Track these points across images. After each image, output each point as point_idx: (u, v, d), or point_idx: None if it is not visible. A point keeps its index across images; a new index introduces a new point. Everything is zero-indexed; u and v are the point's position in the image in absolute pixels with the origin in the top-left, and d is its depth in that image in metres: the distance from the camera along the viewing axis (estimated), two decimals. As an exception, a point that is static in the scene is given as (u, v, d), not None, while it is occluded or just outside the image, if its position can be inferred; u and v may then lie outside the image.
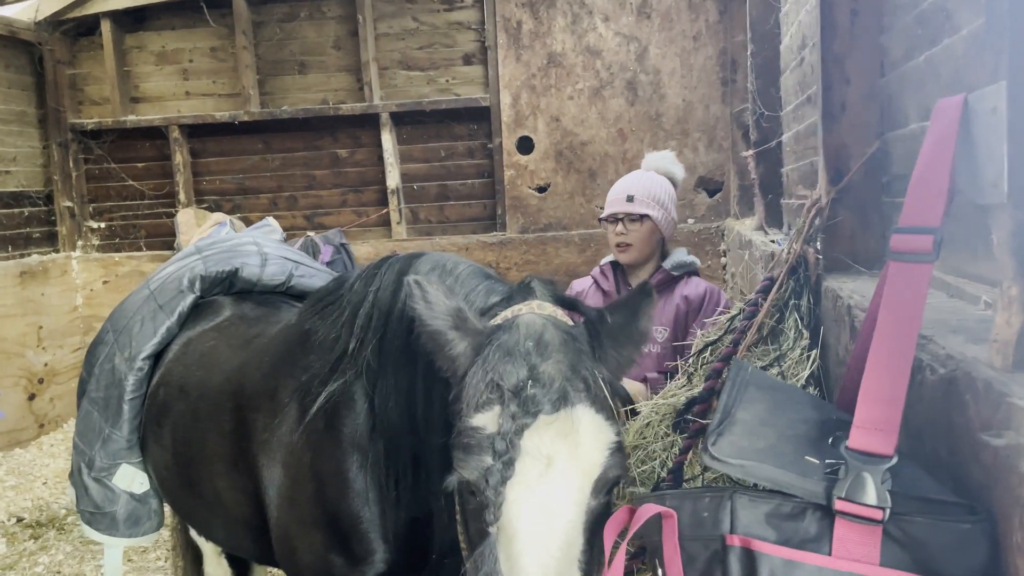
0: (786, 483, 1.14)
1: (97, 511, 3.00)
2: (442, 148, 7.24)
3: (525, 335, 1.52)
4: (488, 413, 1.43)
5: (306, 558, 2.21)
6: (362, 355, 2.10)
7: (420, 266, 2.08)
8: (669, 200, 3.21)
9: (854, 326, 1.84)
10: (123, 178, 7.65)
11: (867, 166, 2.26)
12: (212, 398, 2.61)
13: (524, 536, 1.36)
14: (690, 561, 1.23)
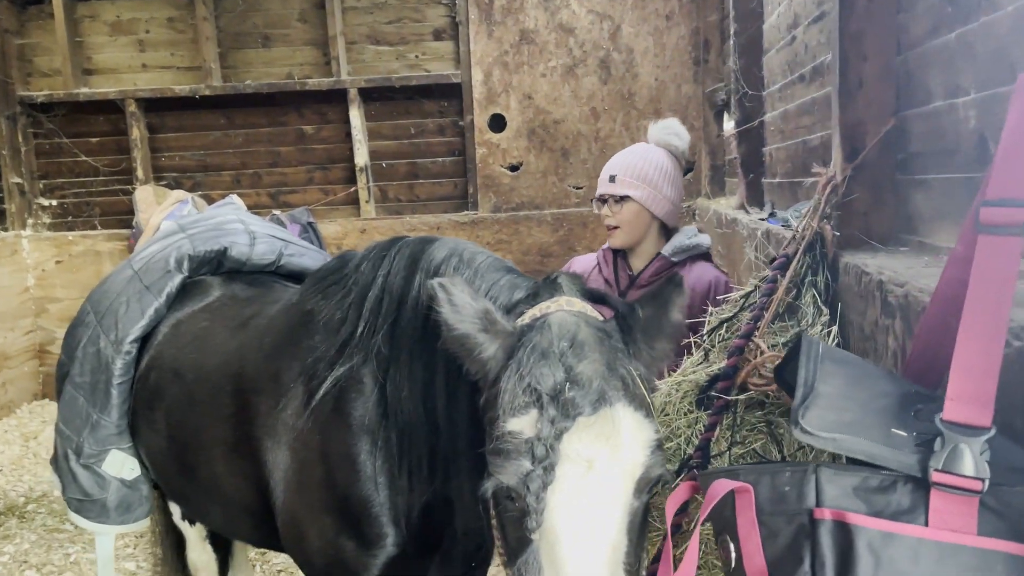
0: (879, 455, 1.14)
1: (86, 499, 2.90)
2: (412, 125, 7.14)
3: (558, 335, 1.47)
4: (525, 417, 1.39)
5: (315, 542, 2.17)
6: (372, 340, 2.05)
7: (435, 252, 2.02)
8: (662, 176, 2.96)
9: (886, 301, 1.86)
10: (76, 153, 7.36)
11: (882, 144, 2.28)
12: (209, 381, 2.53)
13: (568, 542, 1.34)
14: (770, 536, 1.22)
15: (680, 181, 3.05)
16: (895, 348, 1.78)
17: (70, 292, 7.27)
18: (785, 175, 3.99)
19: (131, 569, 4.33)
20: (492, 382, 1.52)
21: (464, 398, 1.75)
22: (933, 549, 1.08)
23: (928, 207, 2.12)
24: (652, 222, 2.98)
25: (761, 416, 2.11)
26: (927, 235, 2.13)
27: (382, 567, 2.10)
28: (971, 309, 1.12)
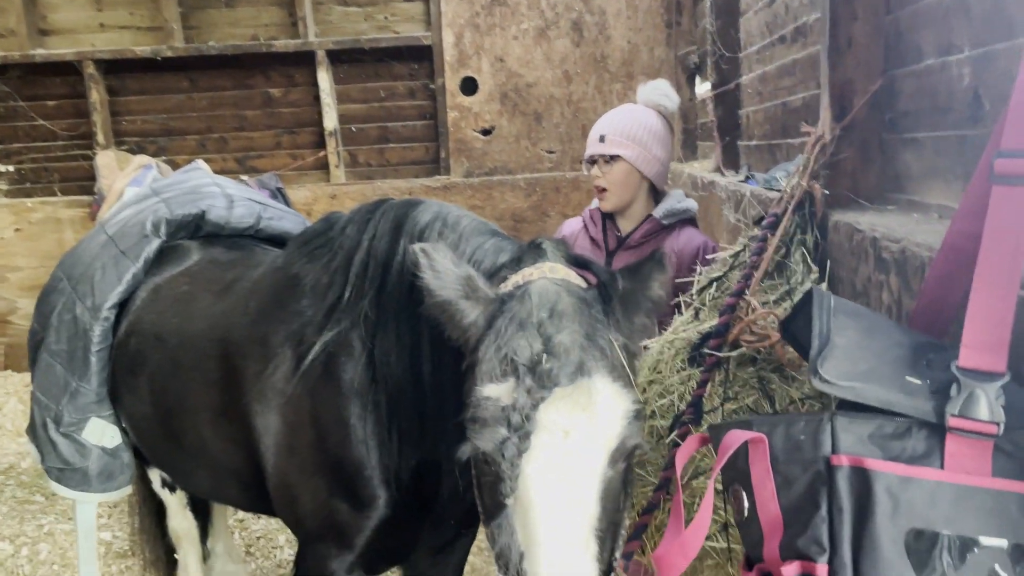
0: (896, 402, 1.16)
1: (67, 467, 2.86)
2: (382, 88, 7.02)
3: (538, 304, 1.47)
4: (502, 385, 1.40)
5: (308, 505, 2.17)
6: (359, 305, 2.04)
7: (419, 216, 2.01)
8: (650, 136, 2.90)
9: (880, 257, 1.89)
10: (33, 117, 7.12)
11: (871, 103, 2.30)
12: (194, 346, 2.49)
13: (541, 509, 1.36)
14: (785, 484, 1.25)
15: (670, 143, 3.02)
16: (889, 303, 1.82)
17: (30, 261, 7.08)
18: (763, 137, 4.02)
19: (107, 539, 4.30)
20: (472, 349, 1.52)
21: (450, 363, 1.75)
22: (949, 491, 1.11)
23: (918, 165, 2.15)
24: (642, 183, 2.93)
25: (753, 372, 2.14)
26: (916, 193, 2.17)
27: (375, 528, 2.11)
28: (986, 258, 1.14)
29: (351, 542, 2.14)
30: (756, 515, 1.29)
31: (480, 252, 1.82)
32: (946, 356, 1.21)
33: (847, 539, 1.14)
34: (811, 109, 3.11)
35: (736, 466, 1.34)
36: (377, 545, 2.15)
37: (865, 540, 1.12)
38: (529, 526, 1.36)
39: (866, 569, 1.12)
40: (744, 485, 1.33)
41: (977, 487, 1.10)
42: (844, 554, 1.14)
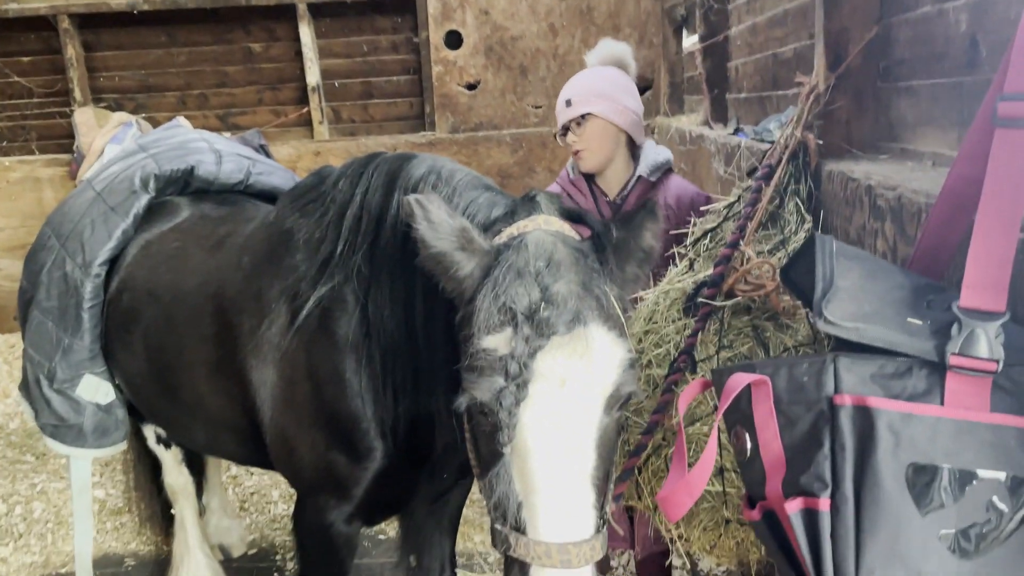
0: (898, 342, 1.19)
1: (62, 424, 2.87)
2: (364, 43, 6.90)
3: (535, 254, 1.48)
4: (499, 335, 1.41)
5: (306, 457, 2.19)
6: (352, 259, 2.04)
7: (413, 170, 1.99)
8: (617, 89, 2.86)
9: (876, 205, 1.91)
10: (7, 74, 6.95)
11: (865, 51, 2.30)
12: (188, 302, 2.49)
13: (538, 456, 1.38)
14: (788, 424, 1.28)
15: (636, 93, 2.95)
16: (884, 249, 1.84)
17: (10, 221, 6.97)
18: (752, 89, 4.01)
19: (100, 497, 4.32)
20: (468, 300, 1.52)
21: (441, 316, 1.76)
22: (950, 426, 1.14)
23: (912, 113, 2.16)
24: (619, 135, 2.88)
25: (747, 321, 2.17)
26: (910, 142, 2.18)
27: (372, 479, 2.14)
28: (988, 200, 1.16)
29: (349, 493, 2.17)
30: (759, 455, 1.33)
31: (474, 206, 1.82)
32: (947, 297, 1.24)
33: (849, 475, 1.18)
34: (803, 60, 3.10)
35: (739, 408, 1.37)
36: (375, 496, 2.18)
37: (867, 475, 1.16)
38: (527, 475, 1.38)
39: (867, 502, 1.16)
40: (747, 426, 1.36)
41: (976, 422, 1.13)
42: (846, 489, 1.18)
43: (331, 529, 2.22)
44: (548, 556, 1.35)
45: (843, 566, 1.17)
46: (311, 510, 2.26)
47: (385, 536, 3.76)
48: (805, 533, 1.21)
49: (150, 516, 3.60)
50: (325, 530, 2.23)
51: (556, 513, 1.37)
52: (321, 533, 2.24)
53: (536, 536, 1.37)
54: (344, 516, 2.22)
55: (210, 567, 3.31)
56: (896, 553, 1.14)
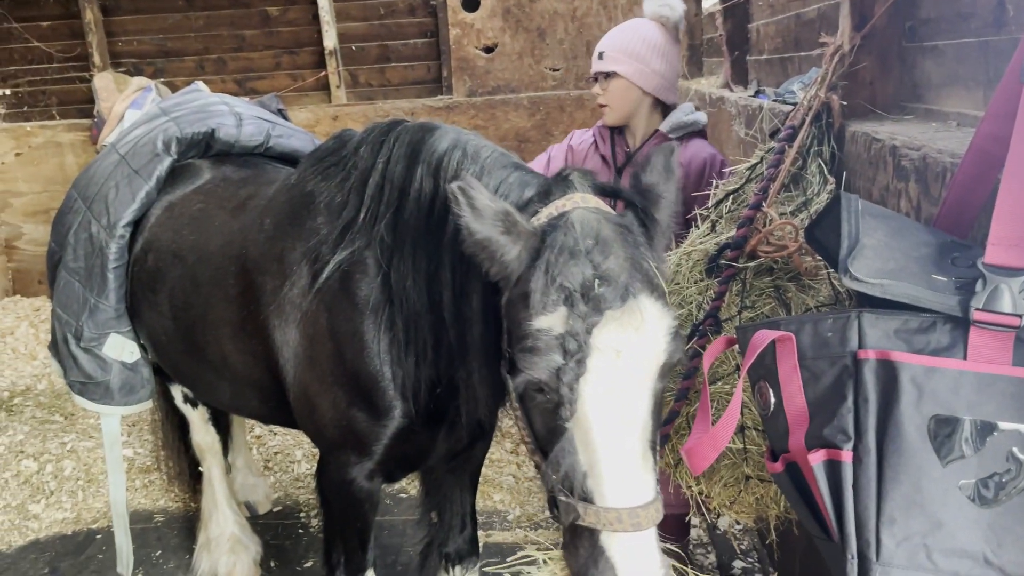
0: (923, 298, 1.21)
1: (89, 381, 2.94)
2: (381, 5, 6.86)
3: (583, 233, 1.52)
4: (555, 315, 1.45)
5: (328, 414, 2.23)
6: (375, 228, 2.06)
7: (436, 143, 2.00)
8: (649, 50, 2.88)
9: (899, 165, 1.91)
10: (27, 39, 6.98)
11: (891, 11, 2.28)
12: (213, 262, 2.53)
13: (601, 427, 1.43)
14: (812, 379, 1.30)
15: (674, 55, 2.98)
16: (908, 210, 1.85)
17: (33, 186, 7.06)
18: (774, 51, 3.97)
19: (128, 455, 4.42)
20: (516, 283, 1.56)
21: (476, 293, 1.78)
22: (972, 379, 1.17)
23: (938, 73, 2.15)
24: (643, 98, 2.93)
25: (769, 282, 2.19)
26: (934, 102, 2.17)
27: (391, 436, 2.19)
28: (1014, 158, 1.17)
29: (369, 450, 2.22)
30: (782, 409, 1.36)
31: (505, 186, 1.84)
32: (971, 254, 1.25)
33: (872, 427, 1.21)
34: (827, 20, 3.07)
35: (763, 364, 1.40)
36: (394, 452, 2.23)
37: (890, 427, 1.18)
38: (591, 446, 1.44)
39: (889, 453, 1.18)
40: (771, 381, 1.39)
41: (998, 375, 1.16)
42: (869, 441, 1.21)
43: (353, 485, 2.28)
44: (619, 521, 1.41)
45: (864, 515, 1.20)
46: (333, 467, 2.31)
47: (407, 494, 3.84)
48: (828, 483, 1.24)
49: (178, 474, 3.68)
50: (347, 486, 2.28)
51: (623, 479, 1.43)
52: (343, 489, 2.30)
53: (605, 503, 1.43)
54: (365, 472, 2.27)
55: (237, 523, 3.40)
56: (916, 502, 1.17)
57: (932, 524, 1.17)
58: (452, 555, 2.70)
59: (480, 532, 3.37)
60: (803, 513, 1.36)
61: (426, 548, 2.75)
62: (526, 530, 3.54)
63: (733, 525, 3.45)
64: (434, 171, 1.96)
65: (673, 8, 2.96)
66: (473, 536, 2.72)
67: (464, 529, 2.70)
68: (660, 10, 2.96)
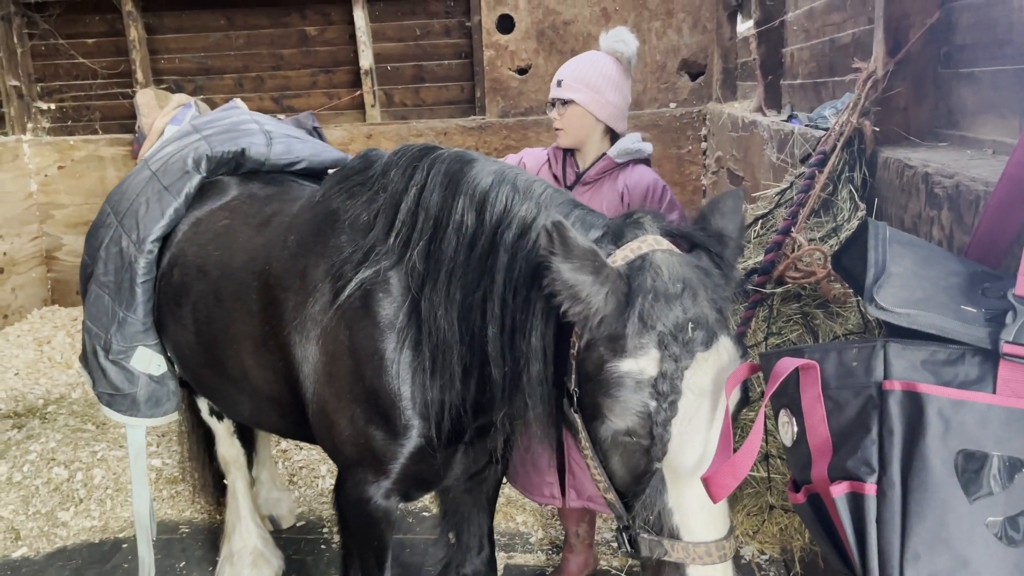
0: (951, 329, 1.18)
1: (116, 393, 2.97)
2: (417, 26, 6.95)
3: (670, 277, 1.56)
4: (647, 358, 1.50)
5: (346, 431, 2.24)
6: (406, 253, 2.07)
7: (479, 178, 2.00)
8: (605, 81, 3.00)
9: (932, 192, 1.88)
10: (73, 55, 7.17)
11: (926, 37, 2.26)
12: (236, 278, 2.56)
13: (692, 468, 1.48)
14: (836, 409, 1.28)
15: (626, 87, 3.09)
16: (940, 238, 1.82)
17: (74, 198, 7.22)
18: (807, 76, 3.94)
19: (157, 466, 4.46)
20: (599, 324, 1.57)
21: (534, 332, 1.78)
22: (1001, 414, 1.14)
23: (973, 100, 2.12)
24: (596, 125, 3.03)
25: (797, 308, 2.17)
26: (969, 129, 2.14)
27: (408, 456, 2.19)
28: (1048, 188, 1.14)
29: (386, 468, 2.22)
30: (805, 439, 1.33)
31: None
32: (1002, 285, 1.23)
33: (897, 460, 1.18)
34: (861, 45, 3.05)
35: (786, 392, 1.38)
36: (411, 471, 2.23)
37: (915, 460, 1.16)
38: (681, 484, 1.50)
39: (915, 487, 1.16)
40: (793, 410, 1.37)
41: (1029, 410, 1.12)
42: (893, 474, 1.18)
43: (369, 503, 2.28)
44: (708, 555, 1.48)
45: (888, 550, 1.17)
46: (350, 484, 2.31)
47: (429, 513, 3.83)
48: (850, 517, 1.21)
49: (204, 485, 3.71)
50: (364, 504, 2.28)
51: (711, 515, 1.50)
52: (360, 507, 2.30)
53: (694, 538, 1.49)
54: (382, 491, 2.27)
55: (261, 536, 3.41)
56: (942, 539, 1.14)
57: (958, 562, 1.14)
58: (470, 576, 2.69)
59: (502, 554, 3.35)
60: (825, 546, 1.33)
61: (444, 569, 2.74)
62: (548, 553, 3.51)
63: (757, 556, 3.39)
64: (479, 205, 1.95)
65: (627, 44, 3.07)
66: (491, 557, 2.70)
67: (482, 550, 2.69)
68: (615, 45, 3.06)
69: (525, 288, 1.80)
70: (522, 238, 1.84)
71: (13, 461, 4.56)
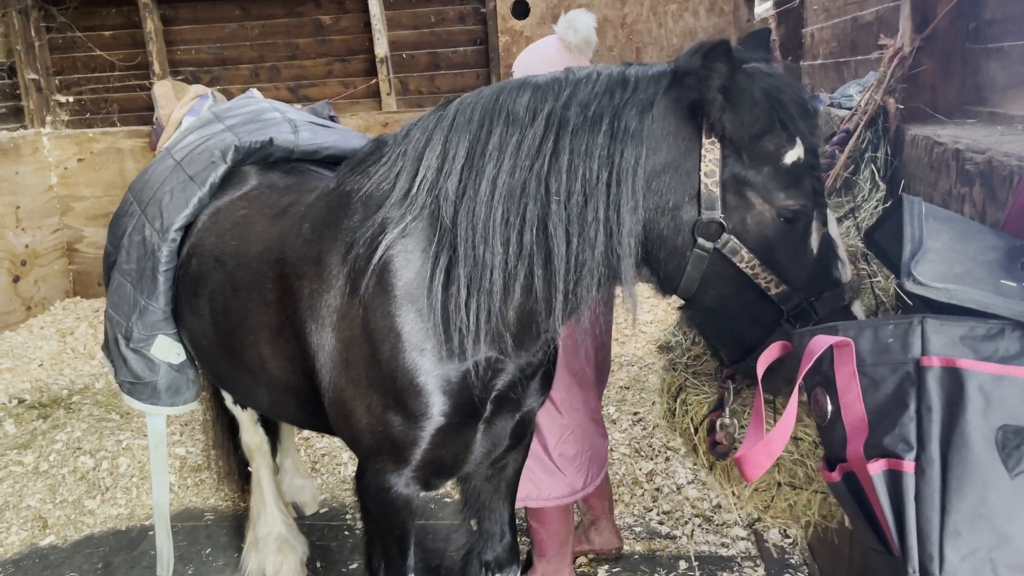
0: (991, 304, 1.17)
1: (138, 381, 2.98)
2: (432, 13, 6.93)
3: (773, 73, 1.79)
4: (798, 143, 1.70)
5: (363, 420, 2.21)
6: (433, 194, 1.99)
7: (519, 99, 1.91)
8: (542, 65, 2.77)
9: (963, 169, 1.85)
10: (90, 48, 7.21)
11: (954, 12, 2.22)
12: (252, 267, 2.54)
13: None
14: (872, 386, 1.26)
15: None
16: (972, 214, 1.79)
17: (94, 191, 7.27)
18: (829, 56, 3.90)
19: (181, 454, 4.51)
20: (752, 127, 1.69)
21: (636, 172, 1.77)
22: (1043, 389, 1.12)
23: (1003, 76, 2.08)
24: None
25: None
26: (999, 105, 2.11)
27: (430, 439, 2.15)
28: (1090, 158, 1.12)
29: (406, 455, 2.19)
30: (840, 417, 1.32)
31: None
32: (1042, 259, 1.21)
33: (936, 436, 1.16)
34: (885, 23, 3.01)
35: (820, 371, 1.36)
36: (432, 456, 2.20)
37: (955, 437, 1.14)
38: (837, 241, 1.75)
39: (954, 464, 1.14)
40: (828, 389, 1.35)
41: (1071, 385, 1.11)
42: (932, 451, 1.16)
43: (390, 492, 2.26)
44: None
45: (927, 527, 1.16)
46: (370, 474, 2.29)
47: (451, 499, 3.85)
48: (888, 494, 1.20)
49: (228, 473, 3.73)
50: (384, 493, 2.27)
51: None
52: (380, 496, 2.28)
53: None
54: (403, 479, 2.25)
55: (285, 523, 3.43)
56: (982, 515, 1.13)
57: (999, 538, 1.12)
58: (492, 563, 2.68)
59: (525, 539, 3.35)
60: (861, 525, 1.32)
61: (466, 556, 2.74)
62: (571, 538, 3.51)
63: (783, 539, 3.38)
64: (541, 94, 1.89)
65: (576, 31, 2.95)
66: (512, 544, 2.70)
67: (503, 538, 2.68)
68: (563, 32, 2.97)
69: (611, 153, 1.78)
70: (609, 97, 1.82)
71: (39, 451, 4.62)
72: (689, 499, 3.76)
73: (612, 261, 1.80)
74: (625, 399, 4.88)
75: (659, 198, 1.77)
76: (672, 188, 1.76)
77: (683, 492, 3.82)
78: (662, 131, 1.77)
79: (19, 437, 4.83)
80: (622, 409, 4.74)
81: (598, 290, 1.86)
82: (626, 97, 1.80)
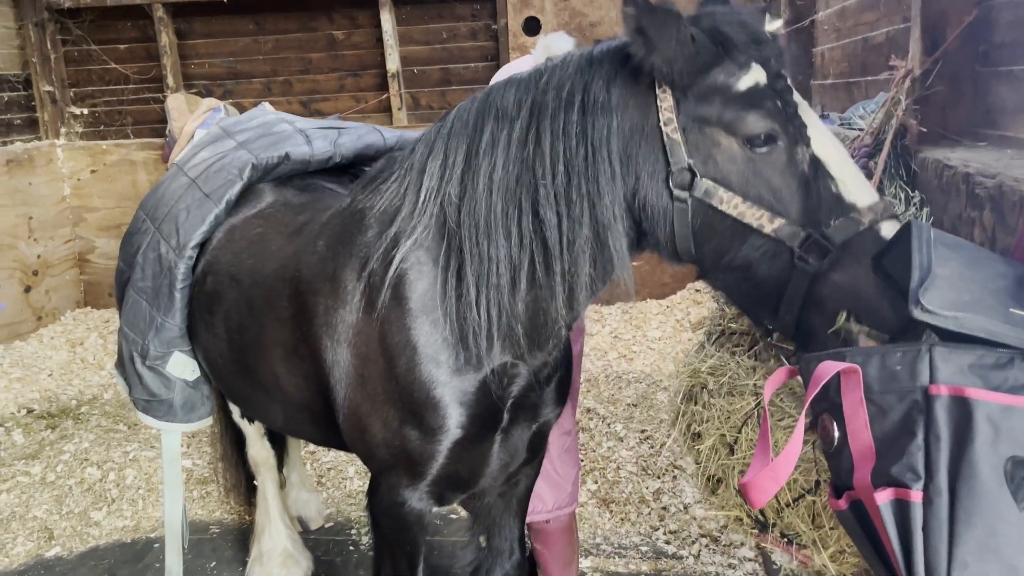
0: (1000, 333, 1.16)
1: (153, 399, 2.98)
2: (444, 30, 6.97)
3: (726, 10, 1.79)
4: (754, 70, 1.65)
5: (379, 435, 2.21)
6: (438, 202, 2.01)
7: (507, 95, 1.93)
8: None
9: (973, 193, 1.85)
10: (105, 61, 7.28)
11: (964, 35, 2.22)
12: (267, 285, 2.55)
13: (833, 146, 1.65)
14: (880, 414, 1.25)
15: None
16: (982, 239, 1.78)
17: (106, 202, 7.31)
18: (839, 76, 3.90)
19: (187, 466, 4.50)
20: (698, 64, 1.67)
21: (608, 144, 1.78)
22: (1053, 421, 1.11)
23: (1013, 99, 2.08)
24: None
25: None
26: (1009, 128, 2.10)
27: (447, 453, 2.15)
28: (1101, 187, 1.11)
29: (422, 471, 2.19)
30: (847, 444, 1.31)
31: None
32: (1052, 288, 1.20)
33: (944, 466, 1.15)
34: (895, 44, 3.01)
35: (826, 397, 1.35)
36: (448, 471, 2.20)
37: (963, 467, 1.13)
38: (834, 165, 1.63)
39: (963, 494, 1.13)
40: (835, 415, 1.34)
41: (1081, 417, 1.09)
42: (940, 480, 1.15)
43: (404, 507, 2.26)
44: (887, 209, 1.57)
45: (935, 559, 1.14)
46: (384, 488, 2.29)
47: (457, 515, 3.83)
48: (895, 524, 1.19)
49: (234, 486, 3.73)
50: (398, 508, 2.26)
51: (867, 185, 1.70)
52: (394, 511, 2.28)
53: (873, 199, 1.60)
54: (417, 493, 2.24)
55: (290, 537, 3.42)
56: (991, 547, 1.11)
57: (1008, 570, 1.11)
58: (500, 580, 2.67)
59: (531, 557, 3.33)
60: (868, 553, 1.30)
61: (474, 572, 2.72)
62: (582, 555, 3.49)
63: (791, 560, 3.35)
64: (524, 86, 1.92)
65: (550, 50, 2.92)
66: (522, 562, 2.68)
67: (512, 555, 2.67)
68: (538, 54, 2.96)
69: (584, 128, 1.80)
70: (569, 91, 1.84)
71: (47, 461, 4.62)
72: (696, 519, 3.74)
73: (601, 235, 1.80)
74: (633, 416, 4.86)
75: (636, 163, 1.77)
76: (642, 149, 1.76)
77: (690, 511, 3.80)
78: (626, 96, 1.77)
79: (27, 447, 4.84)
80: (630, 427, 4.71)
81: (593, 268, 1.85)
82: (593, 72, 1.82)
